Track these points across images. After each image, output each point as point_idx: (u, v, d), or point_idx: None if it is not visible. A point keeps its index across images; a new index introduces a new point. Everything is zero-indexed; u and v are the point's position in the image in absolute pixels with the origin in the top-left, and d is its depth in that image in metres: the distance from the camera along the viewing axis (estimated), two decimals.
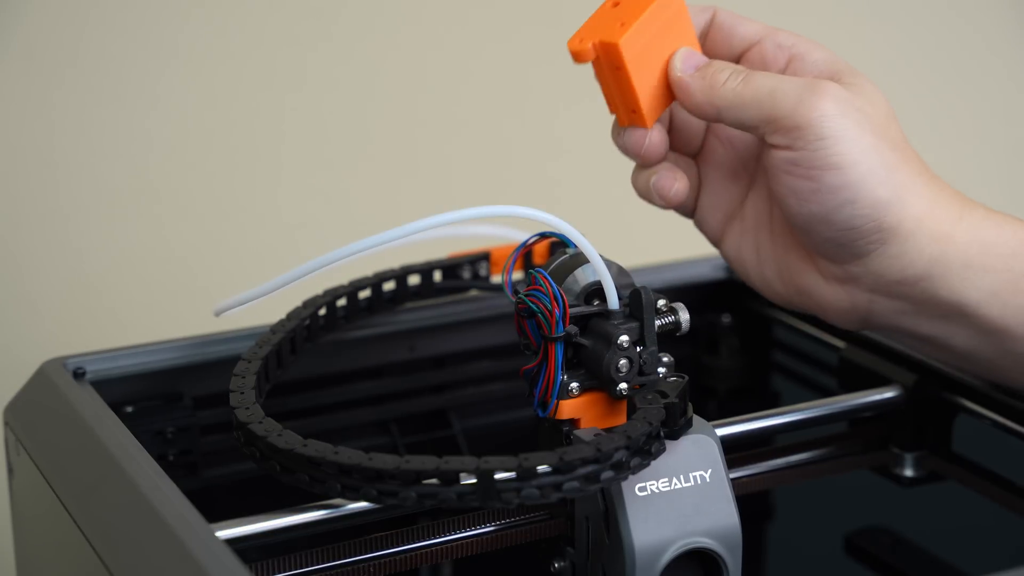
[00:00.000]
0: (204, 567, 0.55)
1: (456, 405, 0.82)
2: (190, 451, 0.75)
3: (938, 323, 0.67)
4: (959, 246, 0.66)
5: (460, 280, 0.80)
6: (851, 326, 0.69)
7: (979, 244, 0.66)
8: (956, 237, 0.66)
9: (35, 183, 1.05)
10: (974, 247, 0.66)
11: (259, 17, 1.09)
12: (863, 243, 0.66)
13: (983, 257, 0.66)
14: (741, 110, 0.66)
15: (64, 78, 1.04)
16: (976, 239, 0.66)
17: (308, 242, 1.12)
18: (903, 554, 0.78)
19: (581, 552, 0.63)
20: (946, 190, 0.67)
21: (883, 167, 0.65)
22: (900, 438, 0.75)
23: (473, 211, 0.66)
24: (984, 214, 0.67)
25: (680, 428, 0.62)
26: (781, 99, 0.65)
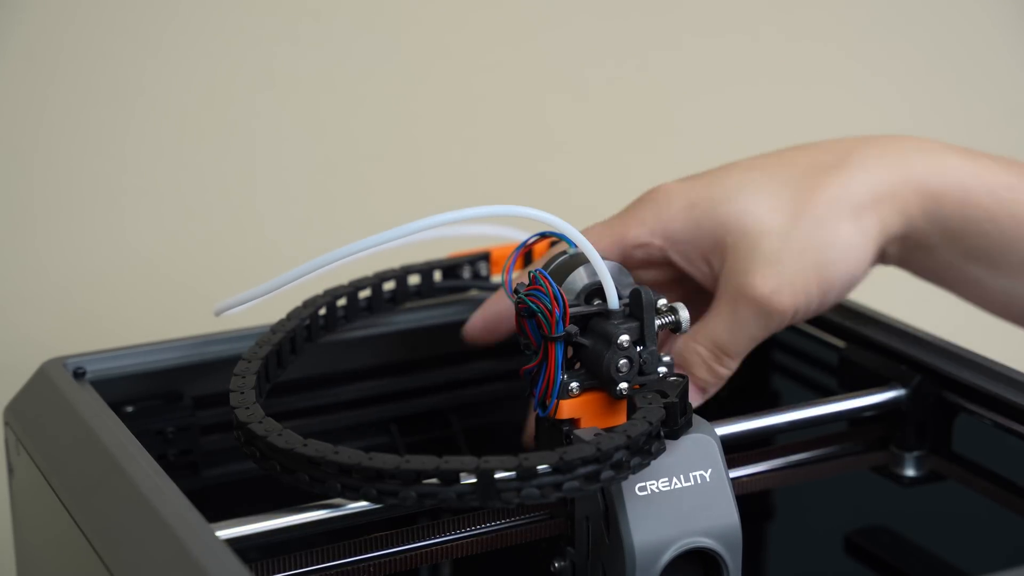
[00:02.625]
0: (204, 567, 0.55)
1: (456, 405, 0.82)
2: (190, 451, 0.75)
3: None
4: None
5: (460, 280, 0.80)
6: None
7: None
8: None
9: (35, 183, 1.05)
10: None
11: (259, 17, 1.08)
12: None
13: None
14: (743, 357, 0.73)
15: (64, 78, 1.04)
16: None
17: (308, 242, 1.11)
18: (903, 554, 0.78)
19: (581, 552, 0.63)
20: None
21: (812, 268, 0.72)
22: (900, 438, 0.75)
23: (473, 211, 0.66)
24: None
25: (680, 428, 0.62)
26: (758, 331, 0.72)
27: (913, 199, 0.73)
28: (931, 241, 0.74)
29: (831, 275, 0.72)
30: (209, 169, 1.09)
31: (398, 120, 1.14)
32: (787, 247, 0.71)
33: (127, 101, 1.06)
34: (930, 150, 0.75)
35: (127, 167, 1.07)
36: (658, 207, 0.74)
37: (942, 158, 0.74)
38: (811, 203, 0.72)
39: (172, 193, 1.09)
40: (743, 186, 0.73)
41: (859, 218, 0.72)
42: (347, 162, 1.14)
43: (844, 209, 0.72)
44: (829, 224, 0.72)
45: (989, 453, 0.73)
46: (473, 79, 1.16)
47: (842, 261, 0.72)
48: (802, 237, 0.71)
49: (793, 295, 0.71)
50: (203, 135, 1.09)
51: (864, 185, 0.73)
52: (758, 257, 0.71)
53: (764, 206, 0.72)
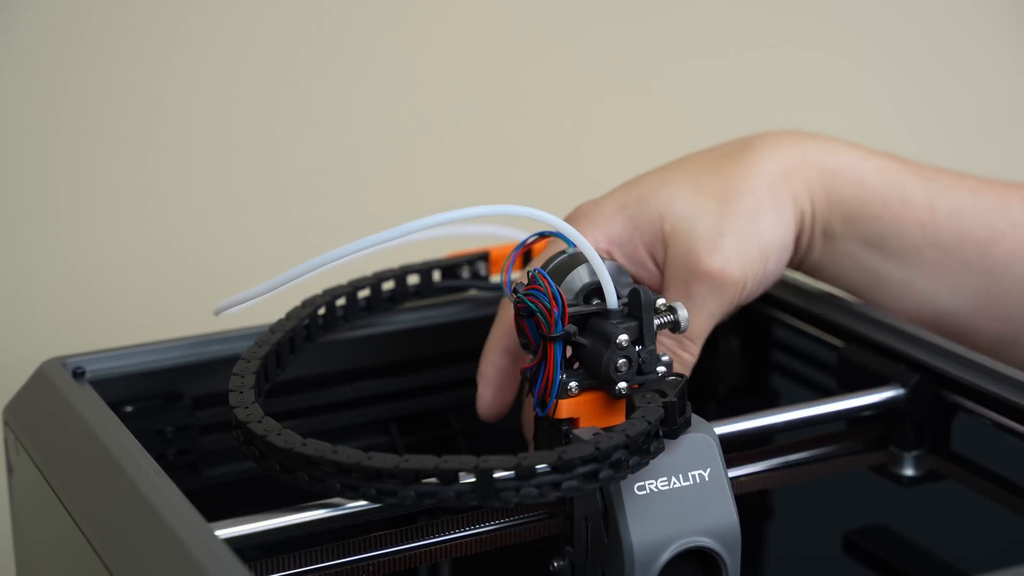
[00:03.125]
0: (204, 567, 0.55)
1: (456, 405, 0.82)
2: (189, 451, 0.75)
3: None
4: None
5: (459, 280, 0.80)
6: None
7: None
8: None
9: (35, 183, 1.05)
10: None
11: (259, 16, 1.09)
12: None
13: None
14: (704, 338, 0.74)
15: (64, 78, 1.04)
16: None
17: (308, 242, 1.12)
18: (902, 554, 0.78)
19: (580, 551, 0.64)
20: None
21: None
22: (900, 438, 0.75)
23: (473, 211, 0.66)
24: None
25: (679, 427, 0.62)
26: (715, 307, 0.73)
27: (814, 176, 0.76)
28: (833, 225, 0.77)
29: (767, 242, 0.74)
30: (209, 169, 1.10)
31: (397, 120, 1.14)
32: (723, 221, 0.73)
33: (127, 101, 1.06)
34: (820, 138, 0.78)
35: (127, 167, 1.07)
36: (591, 217, 0.75)
37: (833, 144, 0.78)
38: (731, 180, 0.74)
39: (172, 193, 1.09)
40: (663, 180, 0.75)
41: (774, 189, 0.75)
42: (346, 162, 1.14)
43: (760, 182, 0.74)
44: (752, 196, 0.74)
45: (988, 453, 0.73)
46: (473, 79, 1.16)
47: (774, 228, 0.74)
48: (733, 211, 0.73)
49: (741, 265, 0.72)
50: (203, 135, 1.09)
51: (770, 163, 0.75)
52: (699, 235, 0.73)
53: (689, 191, 0.74)
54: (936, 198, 0.78)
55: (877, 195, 0.77)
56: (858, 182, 0.77)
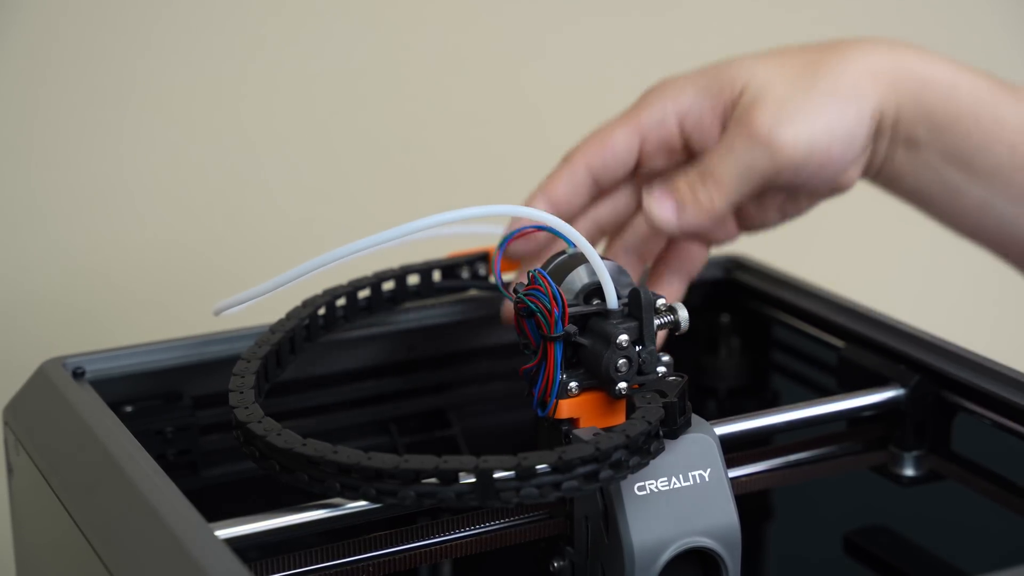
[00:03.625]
0: (204, 567, 0.55)
1: (456, 405, 0.82)
2: (189, 451, 0.75)
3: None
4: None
5: (459, 280, 0.80)
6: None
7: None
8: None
9: (35, 183, 1.05)
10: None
11: (259, 16, 1.09)
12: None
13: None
14: (739, 197, 0.74)
15: (64, 78, 1.04)
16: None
17: (308, 242, 1.12)
18: (902, 554, 0.78)
19: (580, 552, 0.63)
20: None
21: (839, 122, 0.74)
22: (900, 438, 0.75)
23: (473, 211, 0.66)
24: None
25: (679, 427, 0.62)
26: (752, 161, 0.72)
27: (905, 81, 0.76)
28: (917, 133, 0.76)
29: (832, 127, 0.74)
30: (209, 169, 1.10)
31: (398, 120, 1.14)
32: (792, 92, 0.73)
33: (127, 101, 1.06)
34: (918, 48, 0.77)
35: (127, 167, 1.07)
36: (666, 88, 0.76)
37: (930, 55, 0.77)
38: (816, 67, 0.74)
39: (172, 193, 1.09)
40: (749, 57, 0.76)
41: (858, 83, 0.75)
42: (346, 162, 1.14)
43: (845, 73, 0.74)
44: (830, 80, 0.74)
45: (988, 453, 0.73)
46: (473, 79, 1.16)
47: (843, 117, 0.74)
48: (805, 86, 0.73)
49: (792, 134, 0.72)
50: (203, 135, 1.09)
51: (862, 62, 0.75)
52: (762, 102, 0.73)
53: (771, 66, 0.75)
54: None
55: (969, 111, 0.76)
56: (950, 95, 0.76)
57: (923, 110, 0.76)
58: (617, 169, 0.76)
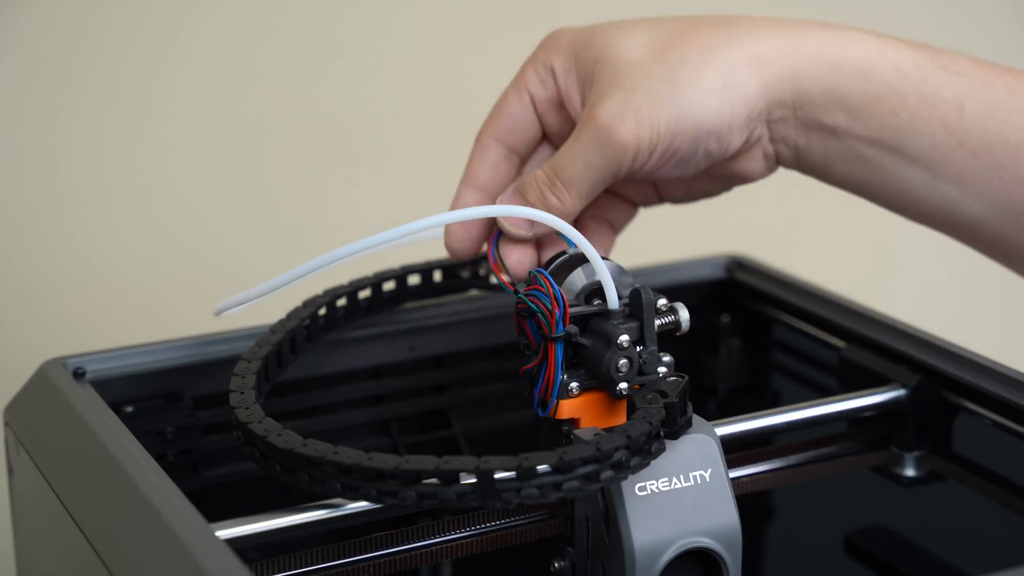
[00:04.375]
0: (204, 567, 0.55)
1: (456, 405, 0.82)
2: (190, 451, 0.75)
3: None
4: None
5: (460, 280, 0.80)
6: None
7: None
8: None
9: (35, 183, 1.05)
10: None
11: (259, 17, 1.09)
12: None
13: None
14: (592, 195, 0.70)
15: (64, 78, 1.04)
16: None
17: (308, 242, 1.12)
18: (903, 554, 0.78)
19: (581, 552, 0.63)
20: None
21: (686, 108, 0.69)
22: (900, 438, 0.75)
23: (474, 211, 0.66)
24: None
25: (680, 428, 0.62)
26: (595, 159, 0.69)
27: (806, 66, 0.70)
28: (835, 119, 0.71)
29: (682, 114, 0.68)
30: (209, 169, 1.10)
31: (398, 120, 1.14)
32: (645, 78, 0.69)
33: (127, 102, 1.06)
34: (832, 26, 0.72)
35: (127, 167, 1.07)
36: (547, 44, 0.74)
37: (845, 32, 0.72)
38: (682, 45, 0.70)
39: (172, 193, 1.09)
40: (626, 26, 0.71)
41: (731, 70, 0.69)
42: (347, 162, 1.14)
43: (716, 58, 0.69)
44: (694, 66, 0.69)
45: (989, 453, 0.73)
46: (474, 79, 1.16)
47: (699, 104, 0.69)
48: (662, 71, 0.69)
49: (636, 127, 0.68)
50: (203, 135, 1.09)
51: (745, 45, 0.70)
52: (615, 84, 0.69)
53: (636, 43, 0.70)
54: (965, 95, 0.70)
55: (891, 92, 0.70)
56: (866, 75, 0.70)
57: (834, 96, 0.70)
58: (526, 134, 0.74)
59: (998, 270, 0.79)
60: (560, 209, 0.69)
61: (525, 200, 0.70)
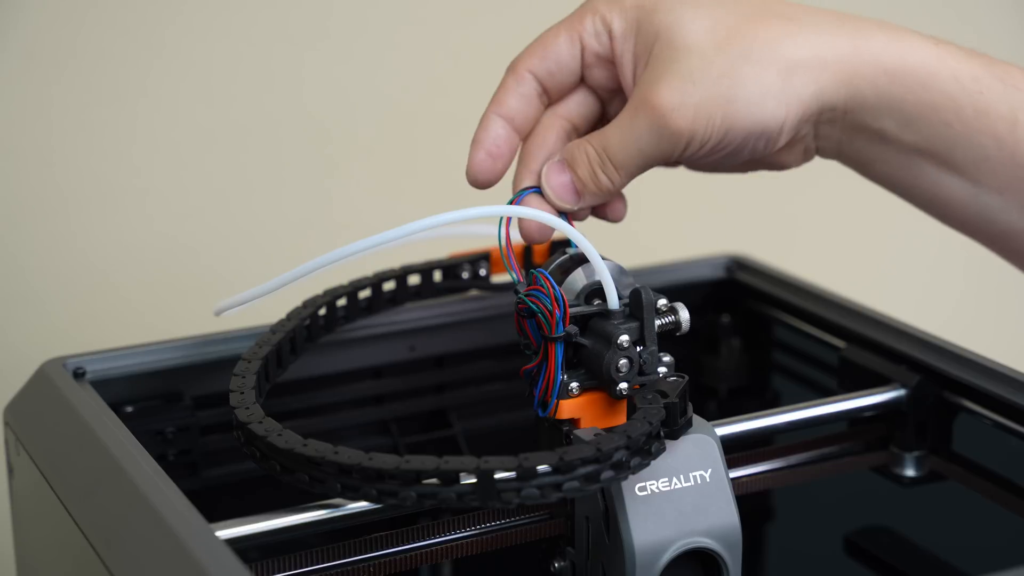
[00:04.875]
0: (204, 567, 0.55)
1: (456, 405, 0.82)
2: (190, 451, 0.75)
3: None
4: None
5: (460, 280, 0.80)
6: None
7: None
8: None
9: (35, 183, 1.05)
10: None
11: (259, 17, 1.08)
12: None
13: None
14: (638, 173, 0.69)
15: (64, 77, 1.04)
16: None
17: (308, 242, 1.12)
18: (903, 554, 0.78)
19: (581, 552, 0.63)
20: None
21: (749, 107, 0.68)
22: (901, 438, 0.75)
23: (473, 211, 0.66)
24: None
25: (680, 428, 0.62)
26: (648, 146, 0.68)
27: (865, 71, 0.69)
28: (883, 125, 0.71)
29: (738, 113, 0.68)
30: (209, 169, 1.10)
31: (398, 120, 1.14)
32: (705, 70, 0.68)
33: (127, 101, 1.06)
34: (893, 29, 0.71)
35: (127, 167, 1.07)
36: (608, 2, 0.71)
37: (905, 37, 0.70)
38: (747, 38, 0.68)
39: (172, 193, 1.09)
40: (691, 3, 0.69)
41: (791, 72, 0.68)
42: (347, 162, 1.14)
43: (778, 56, 0.68)
44: (756, 64, 0.68)
45: (989, 453, 0.73)
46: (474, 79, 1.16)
47: (756, 105, 0.68)
48: (723, 65, 0.68)
49: (693, 119, 0.67)
50: (203, 135, 1.09)
51: (808, 43, 0.69)
52: (673, 70, 0.68)
53: (700, 26, 0.69)
54: (1020, 109, 0.70)
55: (947, 103, 0.69)
56: (926, 86, 0.69)
57: (889, 102, 0.70)
58: (566, 79, 0.72)
59: (998, 271, 0.79)
60: (608, 188, 0.69)
61: (575, 173, 0.69)
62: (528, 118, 0.72)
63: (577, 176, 0.69)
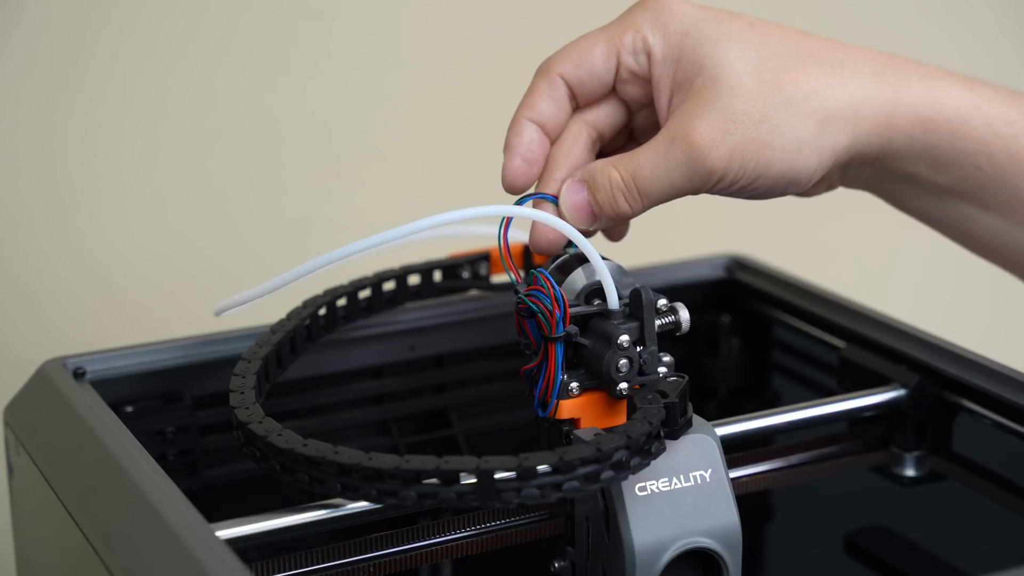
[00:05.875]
0: (204, 567, 0.55)
1: (456, 405, 0.82)
2: (190, 451, 0.75)
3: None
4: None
5: (460, 280, 0.80)
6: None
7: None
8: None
9: (35, 184, 1.05)
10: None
11: (259, 17, 1.08)
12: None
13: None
14: (656, 205, 0.68)
15: (64, 77, 1.04)
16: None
17: (308, 242, 1.12)
18: (903, 554, 0.78)
19: (581, 552, 0.63)
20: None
21: (784, 151, 0.68)
22: (900, 438, 0.75)
23: (473, 211, 0.66)
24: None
25: (680, 428, 0.62)
26: (680, 180, 0.68)
27: (900, 123, 0.70)
28: (915, 169, 0.71)
29: (773, 159, 0.68)
30: (209, 169, 1.10)
31: (398, 120, 1.14)
32: (747, 112, 0.68)
33: (127, 101, 1.06)
34: (928, 72, 0.71)
35: (127, 167, 1.07)
36: (656, 18, 0.70)
37: (940, 84, 0.71)
38: (790, 85, 0.68)
39: (172, 193, 1.09)
40: (737, 37, 0.69)
41: (828, 122, 0.69)
42: (347, 162, 1.14)
43: (818, 107, 0.68)
44: (797, 112, 0.68)
45: (989, 453, 0.73)
46: (475, 78, 1.16)
47: (791, 153, 0.68)
48: (764, 109, 0.68)
49: (728, 158, 0.67)
50: (203, 135, 1.09)
51: (847, 92, 0.69)
52: (715, 108, 0.68)
53: (744, 65, 0.68)
54: None
55: (981, 146, 0.70)
56: (956, 132, 0.70)
57: (921, 150, 0.70)
58: (596, 90, 0.72)
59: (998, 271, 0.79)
60: (627, 215, 0.68)
61: (593, 196, 0.68)
62: (559, 123, 0.72)
63: (595, 200, 0.68)
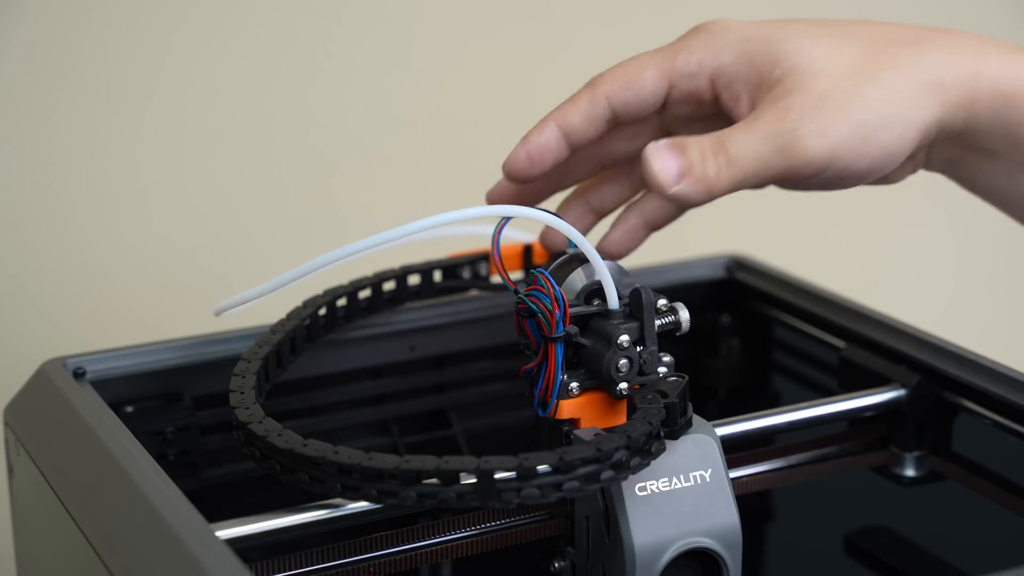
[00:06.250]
0: (204, 567, 0.55)
1: (456, 405, 0.82)
2: (190, 451, 0.75)
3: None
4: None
5: (460, 280, 0.80)
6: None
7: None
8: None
9: (35, 183, 1.05)
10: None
11: (259, 17, 1.08)
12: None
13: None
14: (743, 184, 0.67)
15: (65, 77, 1.04)
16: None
17: (308, 242, 1.12)
18: (903, 554, 0.78)
19: (581, 552, 0.63)
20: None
21: (881, 126, 0.67)
22: (900, 438, 0.75)
23: (473, 211, 0.66)
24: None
25: (680, 428, 0.62)
26: (769, 155, 0.67)
27: (982, 96, 0.69)
28: (994, 145, 0.71)
29: (867, 139, 0.67)
30: (209, 169, 1.09)
31: (398, 119, 1.14)
32: (834, 91, 0.67)
33: (127, 101, 1.06)
34: (1004, 48, 0.71)
35: (127, 167, 1.07)
36: (711, 37, 0.70)
37: (1017, 58, 0.70)
38: (871, 66, 0.68)
39: (172, 193, 1.09)
40: (806, 33, 0.69)
41: (915, 96, 0.68)
42: (347, 162, 1.14)
43: (905, 81, 0.68)
44: (884, 88, 0.68)
45: (989, 453, 0.73)
46: (475, 78, 1.16)
47: (885, 131, 0.68)
48: (853, 89, 0.67)
49: (820, 138, 0.66)
50: (202, 135, 1.09)
51: (933, 68, 0.69)
52: (803, 90, 0.67)
53: (823, 52, 0.68)
54: None
55: None
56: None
57: (1001, 125, 0.70)
58: (640, 108, 0.71)
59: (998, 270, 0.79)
60: (714, 183, 0.67)
61: (684, 153, 0.67)
62: (586, 137, 0.72)
63: (686, 156, 0.67)
